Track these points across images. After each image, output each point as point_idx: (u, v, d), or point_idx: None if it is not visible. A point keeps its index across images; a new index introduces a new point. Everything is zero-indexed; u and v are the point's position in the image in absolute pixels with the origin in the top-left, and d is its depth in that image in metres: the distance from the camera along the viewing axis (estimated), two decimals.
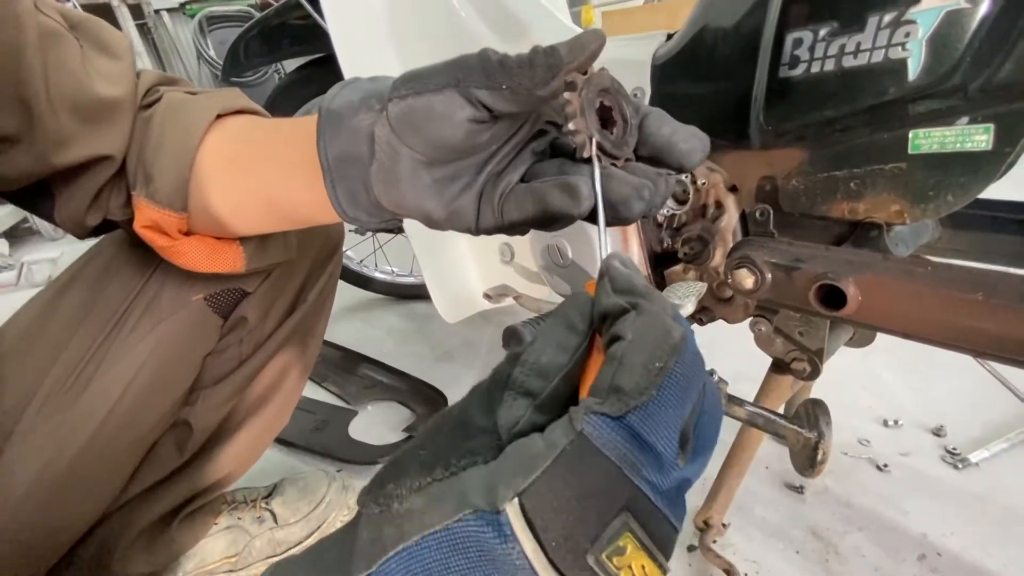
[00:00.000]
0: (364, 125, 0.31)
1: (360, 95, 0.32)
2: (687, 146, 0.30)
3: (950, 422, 0.84)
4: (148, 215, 0.41)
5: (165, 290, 0.53)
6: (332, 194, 0.34)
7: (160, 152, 0.41)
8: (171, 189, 0.40)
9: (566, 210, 0.29)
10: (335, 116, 0.32)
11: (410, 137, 0.30)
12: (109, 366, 0.51)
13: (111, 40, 0.44)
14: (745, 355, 0.66)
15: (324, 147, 0.33)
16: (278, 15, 1.14)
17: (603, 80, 0.28)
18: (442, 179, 0.31)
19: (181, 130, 0.41)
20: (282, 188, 0.38)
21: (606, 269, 0.23)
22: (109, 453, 0.53)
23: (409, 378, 1.07)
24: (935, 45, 0.35)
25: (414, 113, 0.29)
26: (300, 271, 0.62)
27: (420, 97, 0.29)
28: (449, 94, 0.28)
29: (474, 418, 0.22)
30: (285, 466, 0.90)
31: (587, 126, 0.27)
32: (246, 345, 0.60)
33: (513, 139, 0.31)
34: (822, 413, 0.49)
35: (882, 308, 0.42)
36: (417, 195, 0.31)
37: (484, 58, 0.28)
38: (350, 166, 0.33)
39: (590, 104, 0.27)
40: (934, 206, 0.43)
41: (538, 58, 0.27)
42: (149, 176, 0.40)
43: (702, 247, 0.59)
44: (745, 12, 0.45)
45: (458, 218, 0.32)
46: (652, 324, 0.20)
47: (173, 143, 0.41)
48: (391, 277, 1.42)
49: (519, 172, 0.32)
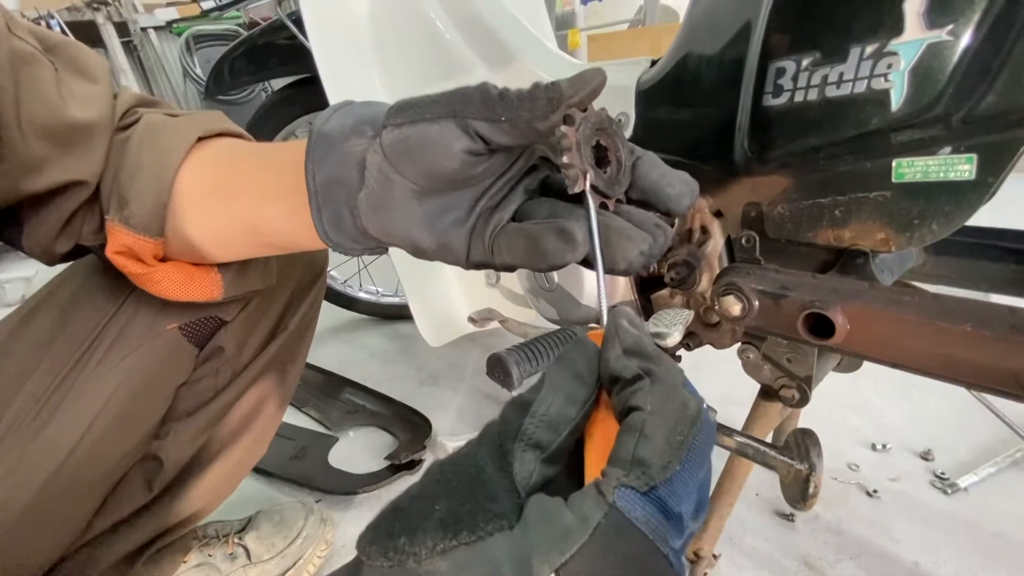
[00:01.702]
0: (356, 150, 0.31)
1: (353, 120, 0.32)
2: (674, 191, 0.30)
3: (938, 445, 0.83)
4: (122, 240, 0.39)
5: (137, 319, 0.51)
6: (316, 217, 0.33)
7: (137, 175, 0.39)
8: (147, 213, 0.38)
9: (559, 255, 0.28)
10: (327, 139, 0.32)
11: (404, 165, 0.29)
12: (75, 398, 0.49)
13: (88, 63, 0.43)
14: (732, 376, 0.65)
15: (312, 169, 0.32)
16: (265, 35, 1.13)
17: (601, 119, 0.28)
18: (434, 210, 0.30)
19: (159, 153, 0.40)
20: (265, 214, 0.37)
21: (615, 329, 0.23)
22: (73, 489, 0.51)
23: (392, 402, 1.05)
24: (917, 76, 0.36)
25: (409, 141, 0.29)
26: (281, 297, 0.61)
27: (416, 126, 0.28)
28: (446, 124, 0.28)
29: (491, 475, 0.21)
30: (262, 496, 0.86)
31: (581, 161, 0.26)
32: (222, 375, 0.58)
33: (507, 174, 0.31)
34: (812, 444, 0.48)
35: (871, 337, 0.42)
36: (407, 225, 0.30)
37: (484, 90, 0.28)
38: (337, 190, 0.32)
39: (586, 140, 0.27)
40: (919, 234, 0.43)
41: (539, 92, 0.27)
42: (124, 200, 0.39)
43: (688, 272, 0.58)
44: (728, 41, 0.46)
45: (448, 251, 0.31)
46: (669, 395, 0.21)
47: (150, 166, 0.39)
48: (376, 297, 1.40)
49: (511, 209, 0.31)
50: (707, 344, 0.63)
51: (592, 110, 0.27)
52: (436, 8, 0.78)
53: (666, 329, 0.47)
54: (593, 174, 0.27)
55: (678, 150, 0.55)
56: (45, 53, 0.39)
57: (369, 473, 0.87)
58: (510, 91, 0.27)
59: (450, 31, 0.78)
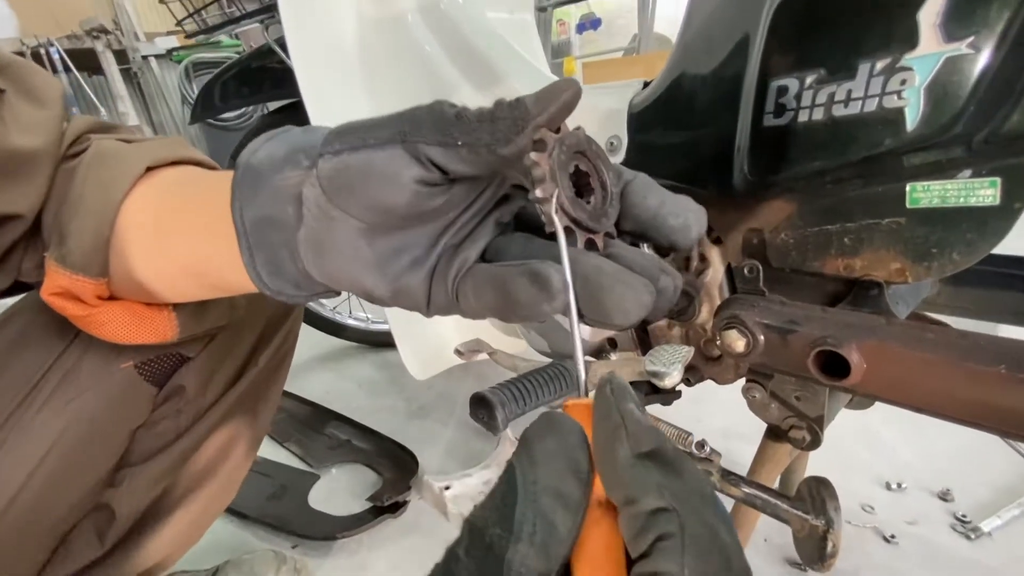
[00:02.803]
0: (289, 184, 0.27)
1: (286, 149, 0.27)
2: (679, 221, 0.25)
3: (956, 485, 0.78)
4: (57, 281, 0.35)
5: (87, 358, 0.47)
6: (249, 263, 0.28)
7: (78, 208, 0.35)
8: (86, 251, 0.35)
9: (533, 305, 0.23)
10: (253, 173, 0.28)
11: (345, 200, 0.25)
12: (13, 447, 0.44)
13: (39, 85, 0.39)
14: (737, 409, 0.61)
15: (239, 208, 0.28)
16: (257, 58, 1.12)
17: (578, 139, 0.23)
18: (386, 251, 0.26)
19: (103, 185, 0.36)
20: (203, 254, 0.33)
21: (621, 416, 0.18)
22: (12, 545, 0.46)
23: (379, 437, 1.00)
24: (935, 93, 0.32)
25: (350, 171, 0.24)
26: (251, 332, 0.56)
27: (357, 153, 0.24)
28: (392, 150, 0.23)
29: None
30: (234, 541, 0.80)
31: (558, 193, 0.22)
32: (184, 416, 0.53)
33: (473, 206, 0.26)
34: (829, 496, 0.43)
35: (891, 379, 0.38)
36: (354, 269, 0.26)
37: (437, 110, 0.23)
38: (272, 231, 0.28)
39: (562, 167, 0.22)
40: (938, 264, 0.39)
41: (501, 111, 0.22)
42: (63, 236, 0.35)
43: (687, 303, 0.54)
44: (724, 58, 0.43)
45: (405, 297, 0.27)
46: (709, 551, 0.15)
47: (93, 199, 0.35)
48: (365, 324, 1.36)
49: (479, 247, 0.26)
50: (709, 379, 0.59)
51: (567, 130, 0.23)
52: (423, 31, 0.76)
53: (664, 368, 0.43)
54: (572, 207, 0.22)
55: (674, 174, 0.51)
56: None
57: (350, 516, 0.82)
58: (468, 110, 0.23)
59: (438, 55, 0.77)
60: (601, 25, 3.01)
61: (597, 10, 2.98)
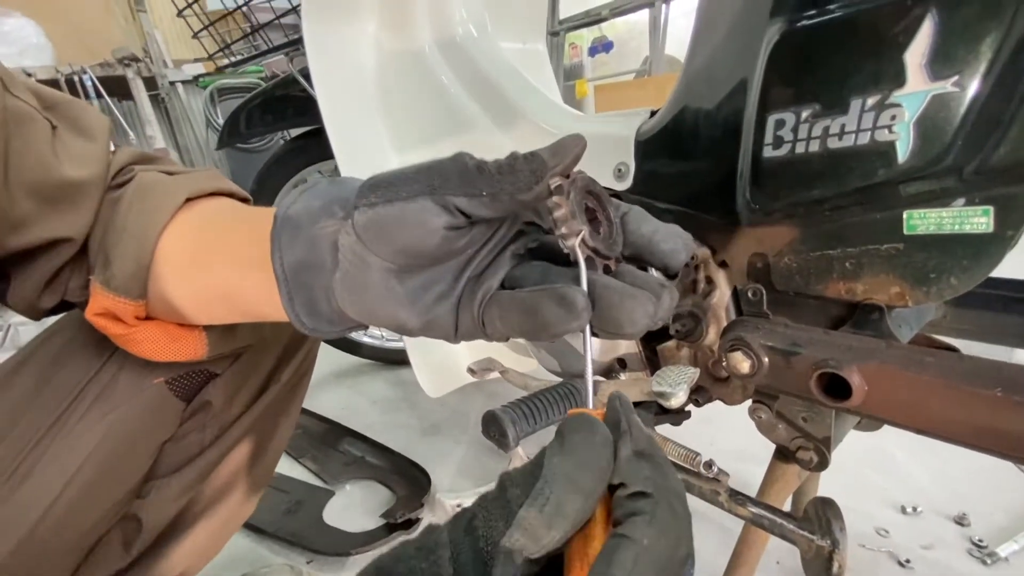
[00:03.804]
0: (326, 232, 0.30)
1: (322, 201, 0.31)
2: (668, 246, 0.29)
3: (972, 509, 0.77)
4: (101, 302, 0.38)
5: (123, 373, 0.50)
6: (288, 305, 0.31)
7: (123, 236, 0.39)
8: (128, 275, 0.38)
9: (561, 323, 0.26)
10: (292, 224, 0.31)
11: (379, 245, 0.28)
12: (54, 456, 0.47)
13: (88, 122, 0.43)
14: (748, 431, 0.62)
15: (280, 256, 0.31)
16: (281, 87, 1.17)
17: (587, 181, 0.27)
18: (416, 288, 0.29)
19: (145, 214, 0.39)
20: (240, 286, 0.36)
21: (628, 424, 0.22)
22: (46, 553, 0.48)
23: (392, 455, 1.01)
24: (924, 128, 0.34)
25: (385, 221, 0.27)
26: (274, 349, 0.59)
27: (392, 205, 0.27)
28: (423, 202, 0.26)
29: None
30: (251, 555, 0.82)
31: (580, 229, 0.25)
32: (209, 430, 0.56)
33: (491, 242, 0.29)
34: (834, 517, 0.44)
35: (892, 400, 0.39)
36: (389, 305, 0.29)
37: (461, 164, 0.27)
38: (309, 275, 0.31)
39: (579, 206, 0.26)
40: (937, 289, 0.40)
41: (520, 164, 0.25)
42: (107, 261, 0.38)
43: (694, 324, 0.56)
44: (725, 94, 0.45)
45: (435, 327, 0.30)
46: (667, 530, 0.19)
47: (136, 227, 0.39)
48: (380, 342, 1.38)
49: (499, 277, 0.29)
50: (717, 399, 0.60)
51: (576, 175, 0.27)
52: (441, 64, 0.80)
53: (670, 388, 0.45)
54: (592, 240, 0.26)
55: (680, 200, 0.53)
56: (44, 111, 0.40)
57: (364, 532, 0.83)
58: (487, 164, 0.26)
59: (455, 86, 0.80)
60: (613, 48, 3.06)
61: (609, 33, 3.04)
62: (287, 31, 1.18)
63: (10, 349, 1.99)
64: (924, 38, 0.32)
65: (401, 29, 0.80)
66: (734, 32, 0.45)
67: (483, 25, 0.82)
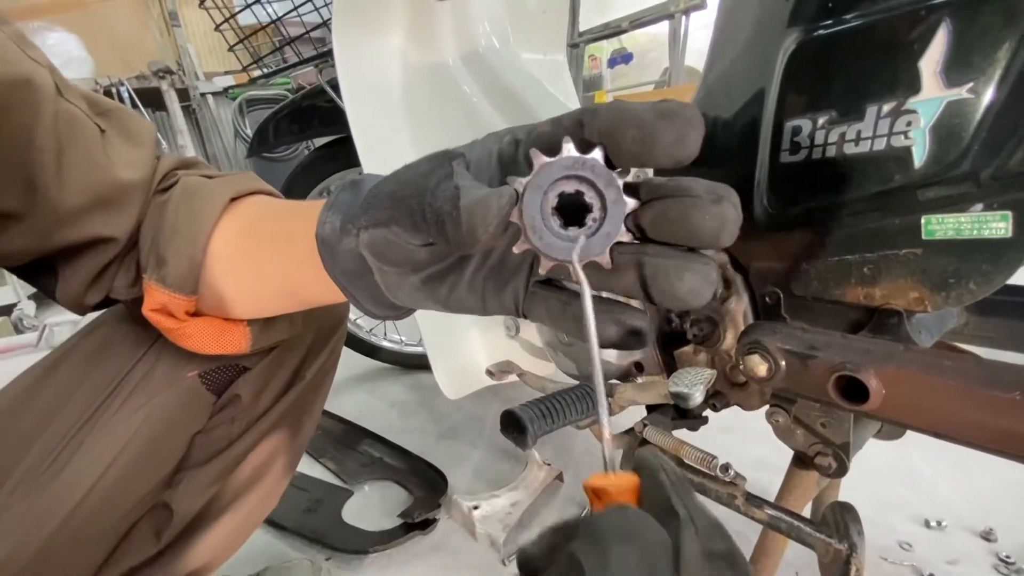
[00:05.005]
0: (350, 249, 0.33)
1: (340, 219, 0.33)
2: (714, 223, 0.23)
3: (999, 524, 0.75)
4: (157, 298, 0.41)
5: (159, 366, 0.52)
6: (357, 304, 0.36)
7: (174, 236, 0.41)
8: (183, 273, 0.40)
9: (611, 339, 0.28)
10: (327, 244, 0.34)
11: (384, 260, 0.31)
12: (92, 444, 0.49)
13: (136, 129, 0.46)
14: (767, 440, 0.62)
15: (331, 270, 0.34)
16: (307, 98, 1.21)
17: (551, 174, 0.24)
18: (428, 281, 0.31)
19: (194, 215, 0.42)
20: (296, 278, 0.39)
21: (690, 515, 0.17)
22: (82, 537, 0.50)
23: (410, 456, 1.03)
24: (939, 134, 0.35)
25: (377, 242, 0.30)
26: (301, 347, 0.61)
27: (377, 229, 0.30)
28: (395, 229, 0.29)
29: None
30: (272, 551, 0.84)
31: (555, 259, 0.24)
32: (237, 424, 0.58)
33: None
34: (852, 520, 0.44)
35: (909, 404, 0.39)
36: (413, 299, 0.32)
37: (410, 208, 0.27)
38: (359, 280, 0.34)
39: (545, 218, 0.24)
40: (956, 294, 0.40)
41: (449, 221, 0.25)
42: (162, 260, 0.41)
43: (712, 328, 0.56)
44: (743, 102, 0.46)
45: (460, 307, 0.32)
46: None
47: (186, 228, 0.41)
48: (399, 346, 1.40)
49: (524, 270, 0.31)
50: (735, 405, 0.60)
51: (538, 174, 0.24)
52: (464, 75, 0.82)
53: (687, 389, 0.45)
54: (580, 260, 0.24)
55: None
56: (96, 117, 0.43)
57: (382, 531, 0.84)
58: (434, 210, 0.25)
59: (477, 97, 0.82)
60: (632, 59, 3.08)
61: (628, 45, 3.06)
62: (316, 44, 1.22)
63: (45, 349, 2.06)
64: (939, 46, 0.33)
65: (426, 42, 0.83)
66: (752, 42, 0.46)
67: (505, 37, 0.84)
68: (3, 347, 2.09)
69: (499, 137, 0.32)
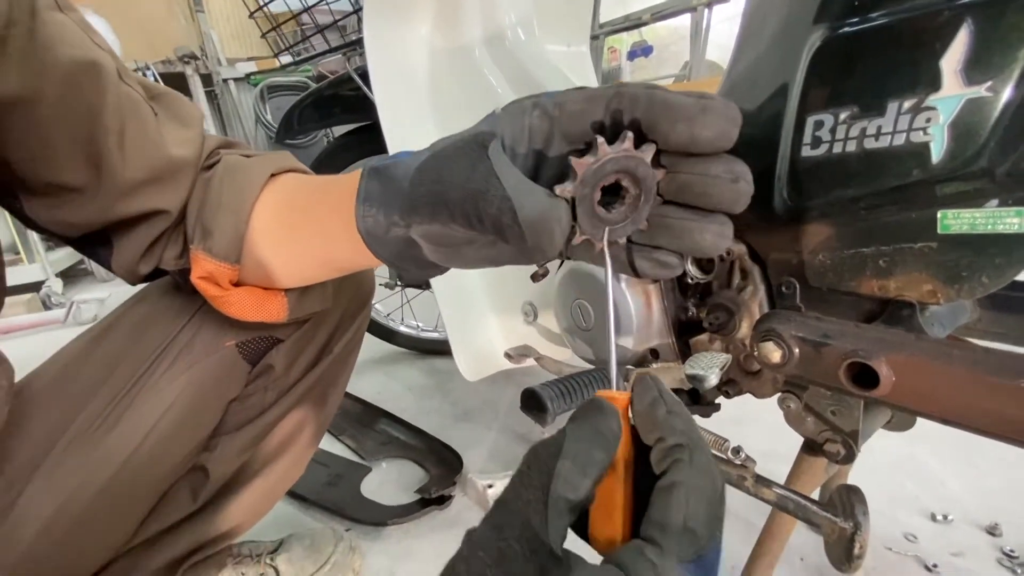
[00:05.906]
0: (400, 236, 0.36)
1: (384, 212, 0.36)
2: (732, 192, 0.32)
3: (1005, 519, 0.77)
4: (204, 267, 0.44)
5: (200, 334, 0.55)
6: (403, 272, 0.40)
7: (219, 210, 0.44)
8: (228, 243, 0.43)
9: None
10: (371, 235, 0.37)
11: (437, 243, 0.35)
12: (139, 405, 0.53)
13: (185, 111, 0.49)
14: (777, 430, 0.63)
15: (379, 253, 0.38)
16: (331, 87, 1.24)
17: (604, 172, 0.29)
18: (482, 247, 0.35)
19: (238, 189, 0.45)
20: (329, 246, 0.42)
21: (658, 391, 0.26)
22: (128, 493, 0.54)
23: (426, 436, 1.06)
24: (958, 131, 0.36)
25: (431, 235, 0.34)
26: (330, 321, 0.64)
27: (432, 225, 0.34)
28: (452, 226, 0.33)
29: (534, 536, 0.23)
30: (295, 520, 0.88)
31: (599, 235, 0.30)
32: (270, 393, 0.61)
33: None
34: (858, 501, 0.45)
35: (918, 390, 0.40)
36: (465, 263, 0.36)
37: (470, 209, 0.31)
38: (407, 257, 0.38)
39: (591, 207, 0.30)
40: (969, 287, 0.42)
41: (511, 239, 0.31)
42: (208, 231, 0.44)
43: (727, 317, 0.58)
44: (767, 96, 0.47)
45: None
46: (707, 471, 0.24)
47: (231, 201, 0.44)
48: (415, 332, 1.43)
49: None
50: (747, 392, 0.62)
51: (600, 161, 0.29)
52: (489, 64, 0.84)
53: (703, 371, 0.47)
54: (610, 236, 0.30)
55: None
56: (149, 100, 0.46)
57: (399, 505, 0.88)
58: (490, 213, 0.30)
59: (501, 85, 0.84)
60: (652, 52, 3.06)
61: (649, 38, 3.04)
62: (343, 33, 1.24)
63: (72, 325, 2.13)
64: (960, 45, 0.34)
65: (453, 31, 0.85)
66: (777, 38, 0.47)
67: (530, 28, 0.86)
68: (32, 323, 2.16)
69: (524, 109, 0.34)
